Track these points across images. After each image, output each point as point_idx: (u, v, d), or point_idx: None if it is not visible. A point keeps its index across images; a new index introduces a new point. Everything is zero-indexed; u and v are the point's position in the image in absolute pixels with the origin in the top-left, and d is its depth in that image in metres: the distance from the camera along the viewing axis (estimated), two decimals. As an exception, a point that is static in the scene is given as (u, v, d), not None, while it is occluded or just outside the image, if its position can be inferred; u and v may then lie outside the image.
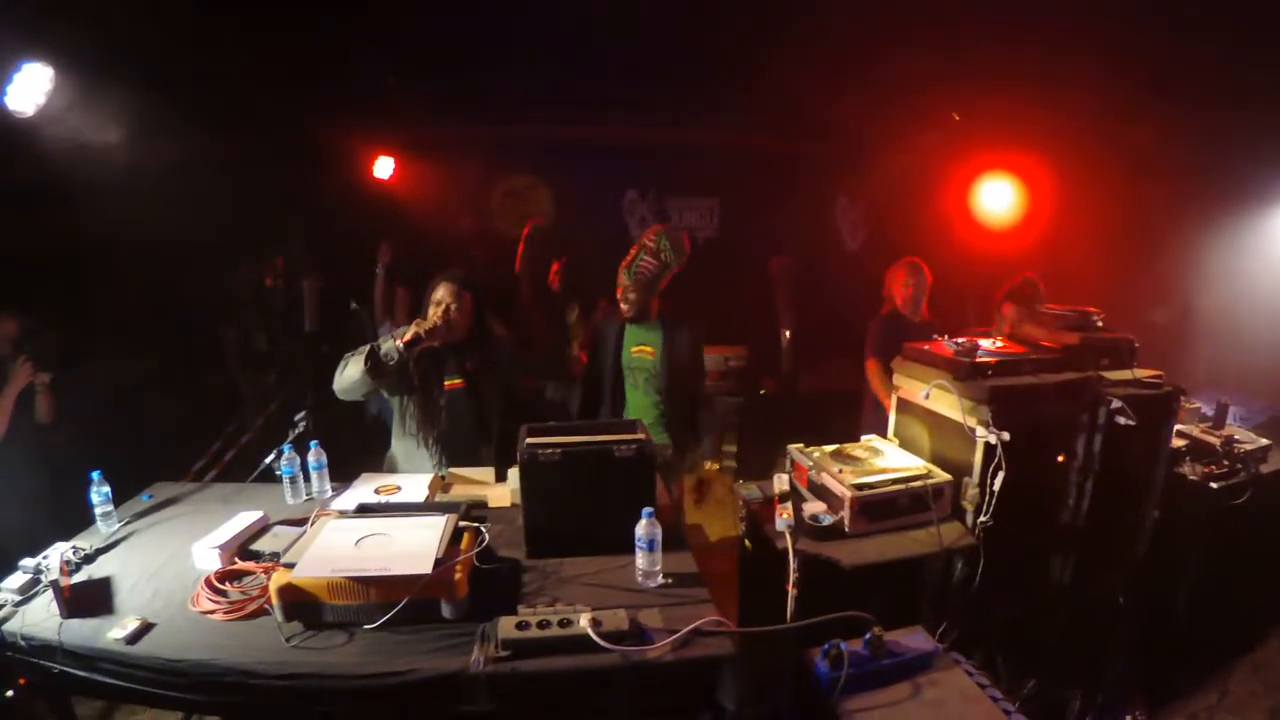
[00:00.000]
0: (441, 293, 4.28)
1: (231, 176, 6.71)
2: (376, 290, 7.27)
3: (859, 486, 3.54)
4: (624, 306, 4.80)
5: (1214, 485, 4.34)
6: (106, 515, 3.58)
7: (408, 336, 4.05)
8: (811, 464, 3.84)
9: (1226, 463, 4.49)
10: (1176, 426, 4.41)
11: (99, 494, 3.55)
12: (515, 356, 4.68)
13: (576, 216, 8.44)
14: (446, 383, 4.36)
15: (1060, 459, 3.83)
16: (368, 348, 4.04)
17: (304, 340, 8.16)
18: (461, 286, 4.32)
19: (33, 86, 4.52)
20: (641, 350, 4.82)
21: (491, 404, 4.46)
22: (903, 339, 4.94)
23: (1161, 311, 6.94)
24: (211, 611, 2.86)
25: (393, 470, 4.44)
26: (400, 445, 4.46)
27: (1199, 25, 5.07)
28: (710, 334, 5.23)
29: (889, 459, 3.90)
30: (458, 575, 2.81)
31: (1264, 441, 4.69)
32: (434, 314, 4.21)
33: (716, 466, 4.97)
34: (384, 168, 8.12)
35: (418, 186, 8.26)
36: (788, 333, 8.37)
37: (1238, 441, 4.61)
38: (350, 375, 4.05)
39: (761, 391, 7.94)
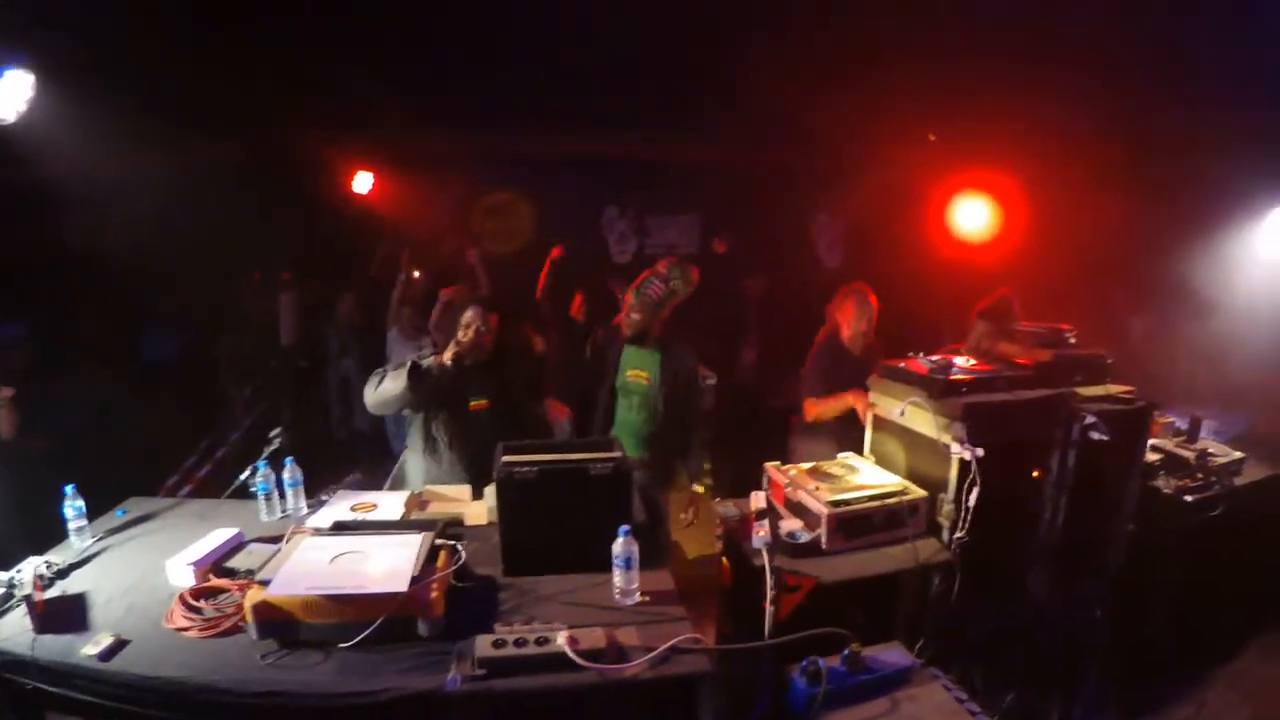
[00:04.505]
0: (470, 315, 4.43)
1: (210, 189, 6.68)
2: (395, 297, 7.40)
3: (836, 503, 3.57)
4: (626, 325, 4.87)
5: (1188, 498, 4.39)
6: (80, 530, 3.55)
7: (450, 355, 4.25)
8: (788, 481, 3.86)
9: (1200, 476, 4.54)
10: (1151, 441, 4.45)
11: (73, 508, 3.52)
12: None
13: (556, 233, 8.46)
14: (472, 403, 4.48)
15: (1035, 474, 3.85)
16: (409, 363, 4.20)
17: (280, 354, 8.15)
18: (486, 308, 4.48)
19: (14, 93, 4.48)
20: (637, 375, 4.89)
21: (517, 422, 4.57)
22: (840, 373, 4.97)
23: (1139, 321, 7.00)
24: (186, 629, 2.84)
25: (403, 485, 4.55)
26: (423, 463, 4.56)
27: (1170, 40, 5.13)
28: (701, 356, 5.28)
29: (865, 476, 3.93)
30: (434, 593, 2.81)
31: (1237, 455, 4.74)
32: (466, 335, 4.35)
33: (701, 489, 4.99)
34: (363, 182, 8.10)
35: (396, 201, 8.25)
36: (752, 352, 8.39)
37: (1211, 455, 4.66)
38: (390, 389, 4.21)
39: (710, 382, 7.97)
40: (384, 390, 4.25)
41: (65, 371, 5.79)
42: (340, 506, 3.84)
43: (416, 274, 7.87)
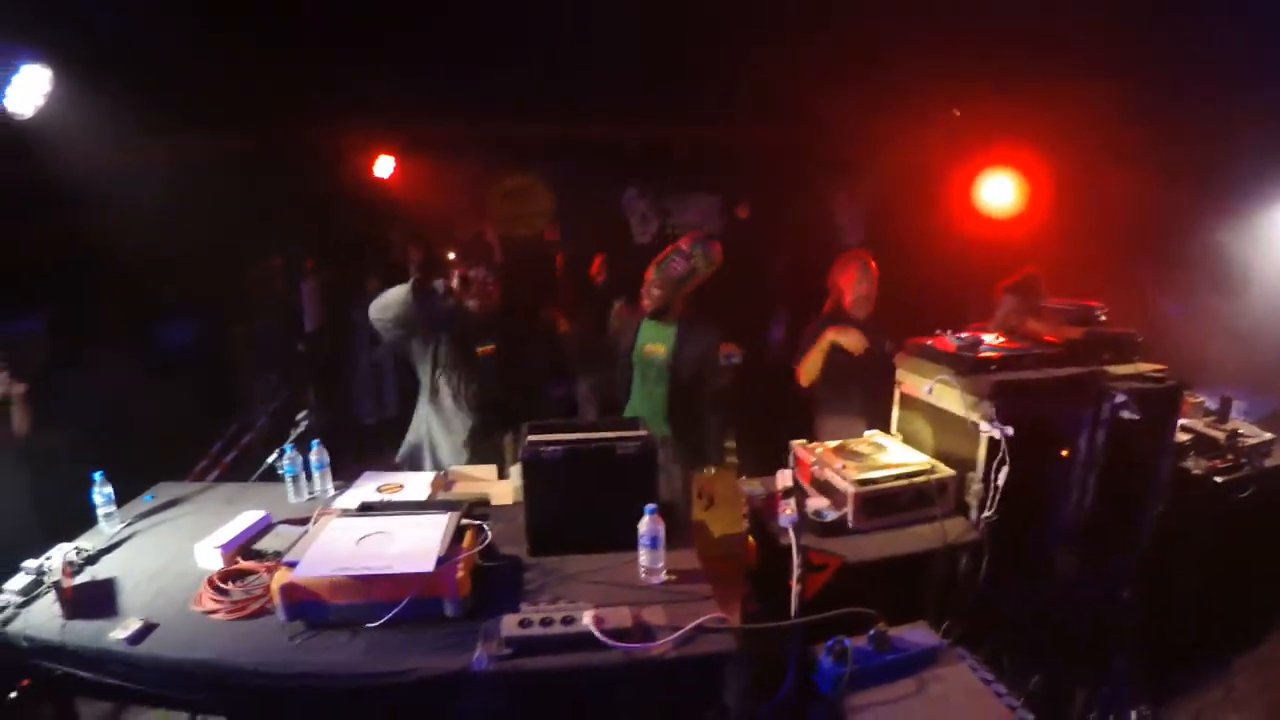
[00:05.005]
0: (476, 270, 4.57)
1: (229, 177, 6.70)
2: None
3: (862, 482, 3.55)
4: (646, 300, 4.85)
5: (1218, 479, 4.34)
6: (109, 516, 3.57)
7: (454, 282, 4.45)
8: (815, 459, 3.85)
9: (1231, 457, 4.49)
10: (1181, 421, 4.39)
11: (101, 495, 3.54)
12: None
13: (577, 214, 8.45)
14: (480, 350, 4.59)
15: (1064, 454, 3.82)
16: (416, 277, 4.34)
17: (305, 340, 8.19)
18: (490, 270, 4.63)
19: (32, 88, 4.49)
20: (654, 348, 4.87)
21: (519, 369, 4.79)
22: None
23: (1168, 299, 6.94)
24: (214, 611, 2.85)
25: (419, 445, 4.70)
26: (428, 412, 4.67)
27: (1198, 22, 5.07)
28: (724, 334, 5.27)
29: (892, 454, 3.90)
30: (460, 573, 2.81)
31: (1268, 435, 4.68)
32: (476, 272, 4.54)
33: (715, 471, 4.96)
34: (384, 167, 8.09)
35: (418, 186, 8.25)
36: (782, 329, 8.39)
37: (1242, 435, 4.60)
38: (394, 294, 4.28)
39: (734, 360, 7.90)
40: (387, 295, 4.31)
41: (85, 363, 5.81)
42: (367, 487, 3.85)
43: (451, 255, 7.89)
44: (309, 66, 6.25)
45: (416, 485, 3.87)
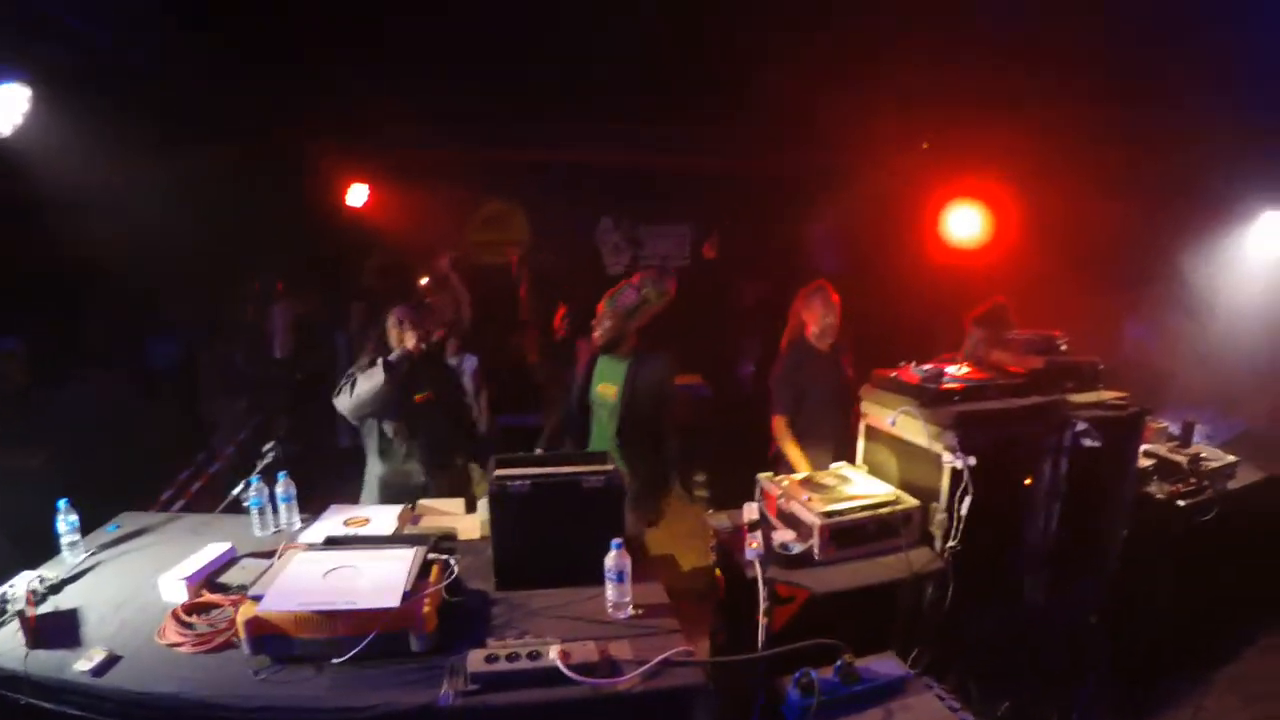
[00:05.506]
0: (399, 314, 4.59)
1: (204, 200, 6.65)
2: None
3: (828, 514, 3.57)
4: (597, 331, 4.82)
5: (1181, 503, 4.39)
6: (73, 545, 3.54)
7: (413, 344, 4.45)
8: (781, 492, 3.86)
9: (1193, 480, 4.54)
10: (1144, 446, 4.46)
11: (66, 523, 3.52)
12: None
13: (550, 245, 8.47)
14: (417, 396, 4.59)
15: (1027, 482, 3.85)
16: (379, 361, 4.33)
17: (275, 367, 8.12)
18: (414, 310, 4.66)
19: (10, 106, 4.48)
20: (605, 389, 4.85)
21: (458, 410, 4.92)
22: (808, 376, 4.96)
23: (1133, 325, 7.02)
24: (179, 644, 2.84)
25: (378, 491, 4.66)
26: (380, 465, 4.64)
27: (1163, 46, 5.14)
28: (682, 364, 5.25)
29: (857, 486, 3.93)
30: (426, 608, 2.80)
31: (1231, 458, 4.74)
32: (407, 333, 4.51)
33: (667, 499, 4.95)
34: (357, 195, 8.06)
35: (392, 212, 8.23)
36: (751, 362, 8.43)
37: (1204, 459, 4.67)
38: (368, 388, 4.31)
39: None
40: (361, 392, 4.33)
41: (66, 381, 5.76)
42: (333, 520, 3.84)
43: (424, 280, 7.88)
44: (291, 85, 6.25)
45: (383, 519, 3.86)
